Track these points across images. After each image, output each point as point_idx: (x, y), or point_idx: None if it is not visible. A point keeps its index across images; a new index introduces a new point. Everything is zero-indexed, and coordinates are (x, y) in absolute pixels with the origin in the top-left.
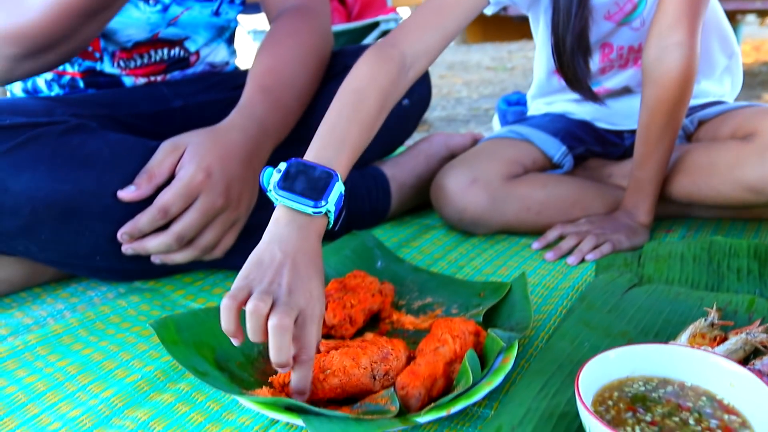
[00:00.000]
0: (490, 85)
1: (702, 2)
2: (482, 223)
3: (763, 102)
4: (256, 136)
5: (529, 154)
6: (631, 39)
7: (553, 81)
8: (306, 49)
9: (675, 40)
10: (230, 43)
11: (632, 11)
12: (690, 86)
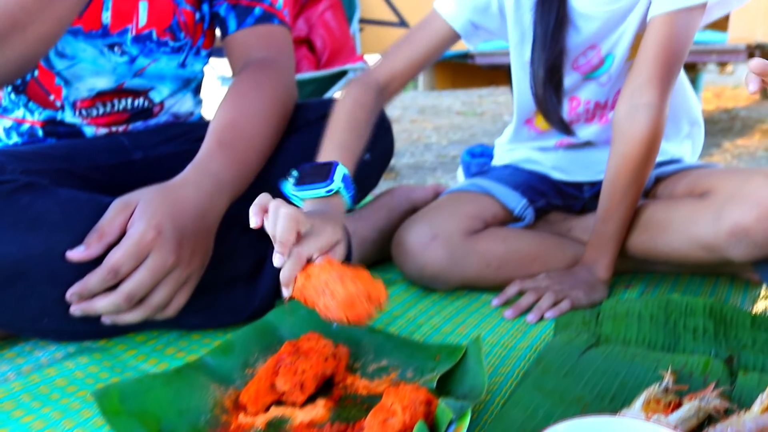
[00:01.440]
0: (460, 131)
1: (674, 67)
2: (442, 279)
3: (724, 149)
4: (210, 192)
5: (489, 207)
6: (597, 94)
7: (523, 131)
8: (268, 103)
9: (646, 100)
10: (196, 93)
11: (599, 66)
12: (656, 146)
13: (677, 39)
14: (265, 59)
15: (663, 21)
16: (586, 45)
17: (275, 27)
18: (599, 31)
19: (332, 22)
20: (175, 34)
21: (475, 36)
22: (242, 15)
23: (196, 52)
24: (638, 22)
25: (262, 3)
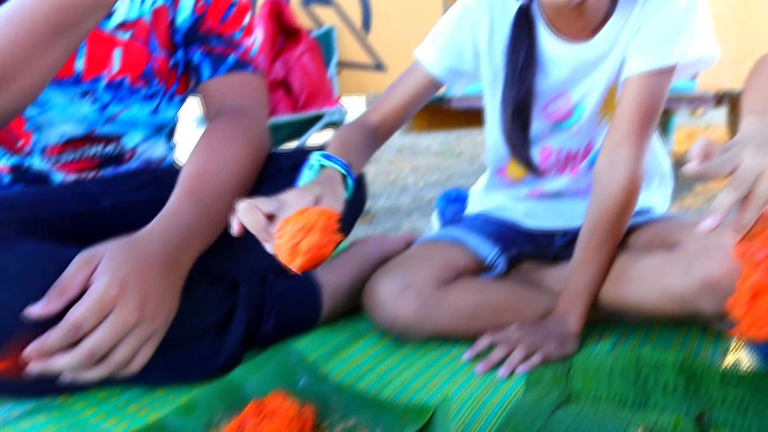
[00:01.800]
0: (437, 172)
1: (650, 124)
2: (414, 331)
3: (695, 192)
4: (178, 245)
5: (461, 257)
6: (569, 143)
7: (496, 180)
8: (240, 152)
9: (624, 155)
10: (170, 137)
11: (569, 116)
12: (634, 200)
13: (651, 98)
14: (238, 107)
15: (637, 81)
16: (556, 91)
17: (249, 75)
18: (569, 79)
19: (310, 65)
20: (149, 81)
21: (457, 81)
22: (216, 63)
23: (170, 98)
24: (609, 75)
25: (236, 51)
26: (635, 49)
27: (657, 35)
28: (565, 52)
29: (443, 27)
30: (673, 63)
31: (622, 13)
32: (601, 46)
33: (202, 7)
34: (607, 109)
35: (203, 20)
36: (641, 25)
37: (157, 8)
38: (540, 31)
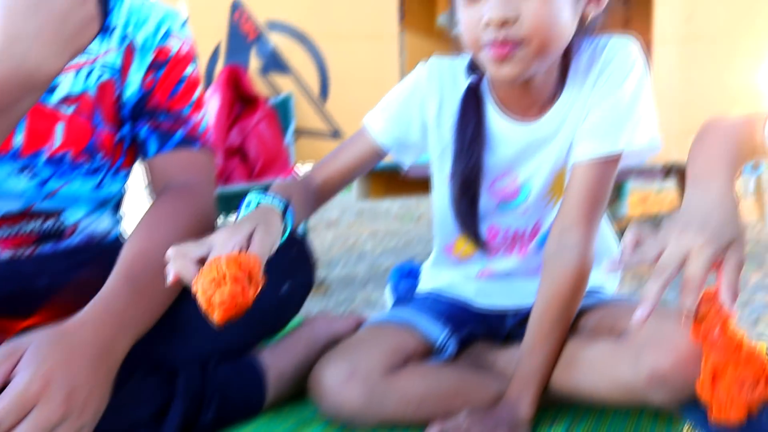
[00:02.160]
0: (395, 237)
1: (598, 209)
2: (361, 419)
3: None
4: (111, 333)
5: (410, 340)
6: (516, 223)
7: (443, 257)
8: (184, 232)
9: (573, 240)
10: (115, 210)
11: (515, 195)
12: (583, 285)
13: (599, 184)
14: (183, 185)
15: (585, 167)
16: (503, 169)
17: (196, 152)
18: (515, 157)
19: (266, 133)
20: (92, 156)
21: (404, 153)
22: (163, 138)
23: (115, 172)
24: (556, 158)
25: (184, 127)
26: (583, 135)
27: (605, 123)
28: (512, 131)
29: (393, 98)
30: (619, 151)
31: (570, 95)
32: (547, 127)
33: (150, 83)
34: (555, 191)
35: (151, 95)
36: (589, 112)
37: (103, 83)
38: (488, 108)
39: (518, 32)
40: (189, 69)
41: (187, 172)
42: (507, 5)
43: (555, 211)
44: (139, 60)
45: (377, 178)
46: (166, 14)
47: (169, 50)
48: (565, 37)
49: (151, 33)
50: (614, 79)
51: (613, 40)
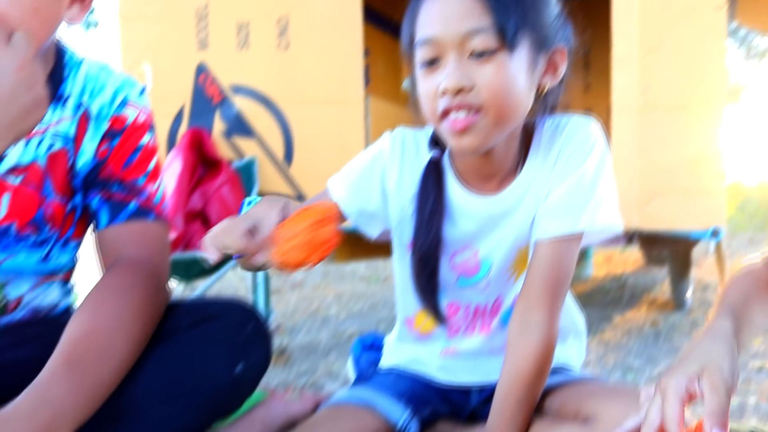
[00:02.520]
0: (361, 300)
1: (561, 287)
2: None
3: (614, 324)
4: (47, 424)
5: (370, 422)
6: (477, 298)
7: (405, 330)
8: (132, 311)
9: (537, 318)
10: (65, 281)
11: (476, 271)
12: (548, 365)
13: (561, 261)
14: (135, 259)
15: (547, 245)
16: (463, 243)
17: (150, 224)
18: (476, 231)
19: (229, 197)
20: (39, 227)
21: (366, 222)
22: (115, 210)
23: (64, 243)
24: (517, 234)
25: (138, 197)
26: (545, 214)
27: (566, 202)
28: (472, 204)
29: (356, 165)
30: (580, 230)
31: (530, 171)
32: (508, 202)
33: (104, 152)
34: (516, 267)
35: (105, 165)
36: (550, 190)
37: (54, 152)
38: (449, 181)
39: (474, 100)
40: (145, 138)
41: (140, 245)
42: (462, 74)
43: (517, 287)
44: (93, 129)
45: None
46: (124, 82)
47: (125, 119)
48: (522, 107)
49: (107, 101)
50: (575, 159)
51: (574, 119)
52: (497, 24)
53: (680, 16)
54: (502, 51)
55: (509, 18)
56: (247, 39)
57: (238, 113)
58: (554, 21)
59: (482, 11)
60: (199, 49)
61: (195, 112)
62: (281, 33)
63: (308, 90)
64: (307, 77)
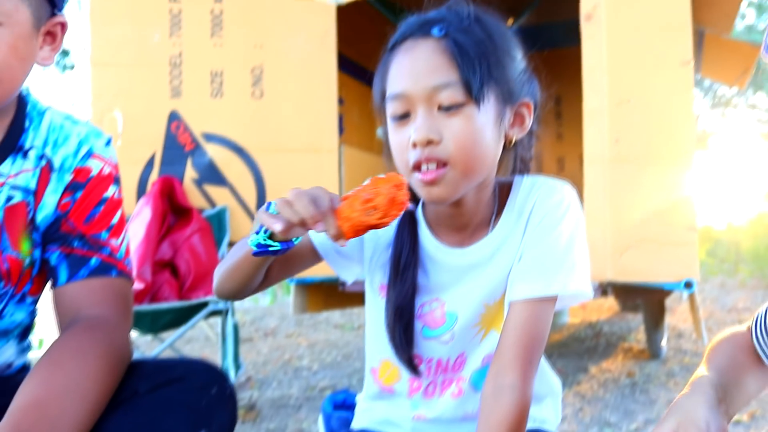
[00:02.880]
0: (335, 349)
1: (535, 349)
2: None
3: (590, 375)
4: None
5: None
6: (440, 352)
7: (370, 381)
8: (90, 377)
9: (509, 381)
10: (22, 338)
11: (441, 323)
12: (522, 428)
13: (535, 323)
14: (94, 318)
15: (521, 307)
16: (431, 293)
17: (112, 280)
18: (444, 283)
19: (199, 247)
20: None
21: (340, 264)
22: (75, 265)
23: (21, 299)
24: (485, 290)
25: (100, 253)
26: (518, 275)
27: (539, 265)
28: (441, 255)
29: None
30: (553, 294)
31: (502, 230)
32: (476, 255)
33: (66, 205)
34: (484, 324)
35: (66, 218)
36: (523, 252)
37: (12, 205)
38: (422, 230)
39: (442, 152)
40: (110, 191)
41: (100, 303)
42: (430, 127)
43: (484, 345)
44: (56, 181)
45: (315, 291)
46: (89, 133)
47: (89, 171)
48: (489, 158)
49: (71, 152)
50: (550, 222)
51: (549, 181)
52: (464, 79)
53: (649, 70)
54: (469, 104)
55: (475, 73)
56: (221, 87)
57: (210, 161)
58: (520, 75)
59: (449, 67)
60: (172, 97)
61: (166, 160)
62: (255, 82)
63: (282, 139)
64: (281, 126)
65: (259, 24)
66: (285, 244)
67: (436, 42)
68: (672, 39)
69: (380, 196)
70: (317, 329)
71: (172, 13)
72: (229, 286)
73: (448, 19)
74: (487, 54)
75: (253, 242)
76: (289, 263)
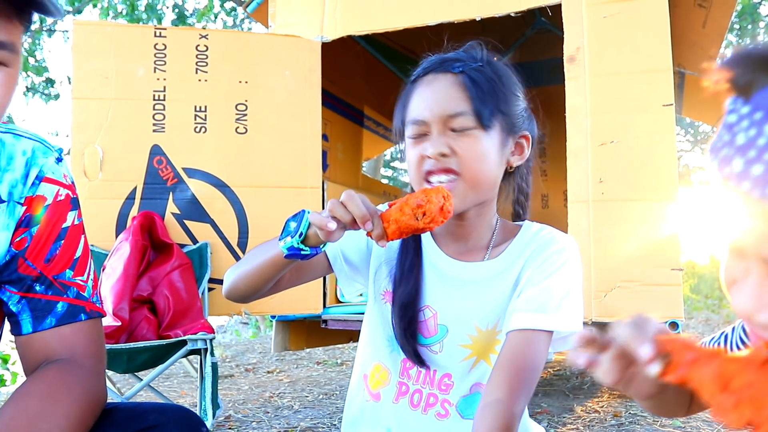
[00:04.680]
0: (317, 388)
1: (528, 373)
2: None
3: (576, 415)
4: None
5: None
6: (429, 360)
7: (361, 387)
8: (60, 424)
9: (495, 397)
10: None
11: (434, 333)
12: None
13: (529, 350)
14: (67, 361)
15: (516, 335)
16: (425, 298)
17: (82, 323)
18: (438, 291)
19: (179, 283)
20: None
21: (346, 277)
22: (40, 313)
23: None
24: (476, 310)
25: (66, 296)
26: (516, 309)
27: (538, 301)
28: (441, 262)
29: None
30: (549, 329)
31: (504, 260)
32: (473, 274)
33: (22, 242)
34: (475, 350)
35: (23, 258)
36: (523, 289)
37: None
38: (425, 238)
39: (453, 164)
40: (69, 218)
41: (71, 348)
42: (443, 143)
43: (472, 373)
44: (5, 215)
45: (297, 328)
46: (35, 150)
47: (43, 200)
48: (492, 176)
49: (18, 178)
50: (551, 266)
51: (555, 231)
52: (475, 110)
53: (631, 112)
54: (478, 129)
55: (485, 105)
56: (205, 122)
57: (192, 197)
58: (521, 112)
59: (464, 99)
60: (155, 131)
61: (147, 194)
62: (239, 117)
63: (265, 175)
64: (264, 162)
65: (243, 60)
66: (314, 250)
67: (454, 77)
68: (654, 81)
69: (431, 204)
70: (299, 365)
71: (156, 48)
72: (244, 287)
73: (465, 59)
74: (496, 91)
75: (286, 245)
76: (302, 271)
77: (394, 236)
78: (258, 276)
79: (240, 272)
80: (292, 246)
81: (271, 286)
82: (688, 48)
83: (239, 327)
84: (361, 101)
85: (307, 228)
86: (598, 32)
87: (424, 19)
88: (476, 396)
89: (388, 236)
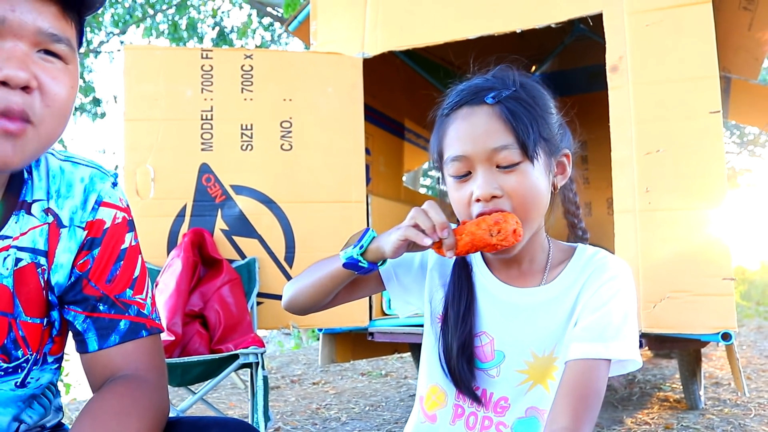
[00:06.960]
0: (362, 399)
1: (591, 400)
2: None
3: (626, 426)
4: None
5: None
6: (485, 384)
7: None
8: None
9: (561, 425)
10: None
11: (491, 359)
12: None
13: (590, 378)
14: (133, 376)
15: (576, 364)
16: (481, 325)
17: (144, 339)
18: (493, 317)
19: (229, 298)
20: (10, 354)
21: (397, 292)
22: (105, 332)
23: (42, 362)
24: (532, 336)
25: (128, 314)
26: (574, 338)
27: (596, 330)
28: (493, 287)
29: None
30: (608, 357)
31: (559, 286)
32: (527, 299)
33: (85, 265)
34: (532, 375)
35: (87, 279)
36: (579, 318)
37: (21, 268)
38: (477, 263)
39: (504, 205)
40: (127, 239)
41: (135, 364)
42: (492, 184)
43: (528, 396)
44: (67, 239)
45: (343, 340)
46: (93, 177)
47: (102, 224)
48: (542, 205)
49: (78, 205)
50: (606, 294)
51: (609, 256)
52: (519, 141)
53: (677, 120)
54: (525, 162)
55: (529, 136)
56: (251, 140)
57: (240, 213)
58: (558, 129)
59: (505, 131)
60: (203, 150)
61: (197, 212)
62: (284, 135)
63: (310, 190)
64: (309, 178)
65: (287, 78)
66: (371, 265)
67: (491, 108)
68: (700, 89)
69: (508, 224)
70: (344, 377)
71: (203, 69)
72: (303, 300)
73: (497, 86)
74: (536, 117)
75: (346, 255)
76: (357, 287)
77: (464, 249)
78: (317, 289)
79: (300, 285)
80: (351, 257)
81: (329, 301)
82: (733, 52)
83: (282, 338)
84: (402, 114)
85: (369, 243)
86: (641, 41)
87: (464, 33)
88: (532, 420)
89: (458, 248)
